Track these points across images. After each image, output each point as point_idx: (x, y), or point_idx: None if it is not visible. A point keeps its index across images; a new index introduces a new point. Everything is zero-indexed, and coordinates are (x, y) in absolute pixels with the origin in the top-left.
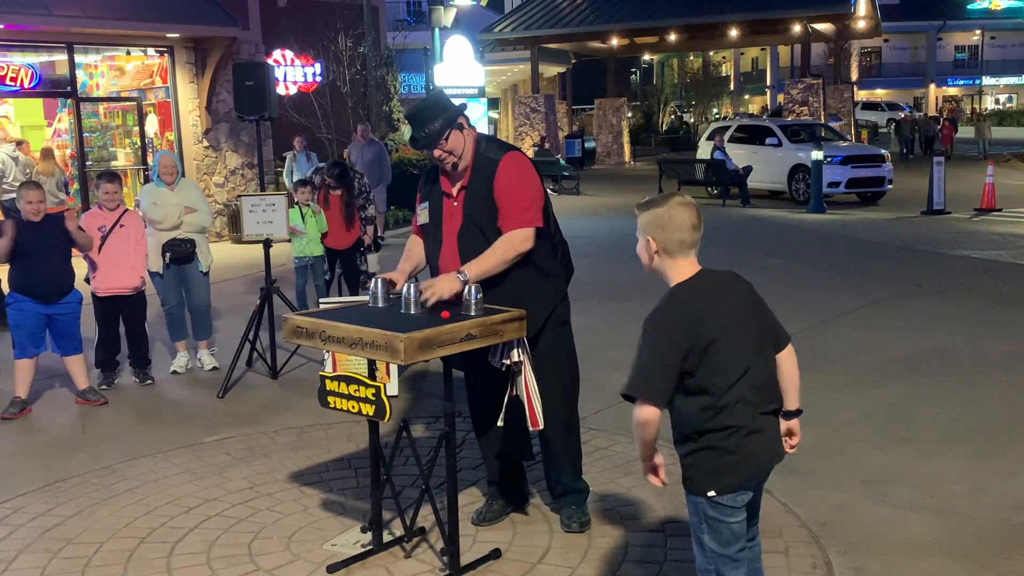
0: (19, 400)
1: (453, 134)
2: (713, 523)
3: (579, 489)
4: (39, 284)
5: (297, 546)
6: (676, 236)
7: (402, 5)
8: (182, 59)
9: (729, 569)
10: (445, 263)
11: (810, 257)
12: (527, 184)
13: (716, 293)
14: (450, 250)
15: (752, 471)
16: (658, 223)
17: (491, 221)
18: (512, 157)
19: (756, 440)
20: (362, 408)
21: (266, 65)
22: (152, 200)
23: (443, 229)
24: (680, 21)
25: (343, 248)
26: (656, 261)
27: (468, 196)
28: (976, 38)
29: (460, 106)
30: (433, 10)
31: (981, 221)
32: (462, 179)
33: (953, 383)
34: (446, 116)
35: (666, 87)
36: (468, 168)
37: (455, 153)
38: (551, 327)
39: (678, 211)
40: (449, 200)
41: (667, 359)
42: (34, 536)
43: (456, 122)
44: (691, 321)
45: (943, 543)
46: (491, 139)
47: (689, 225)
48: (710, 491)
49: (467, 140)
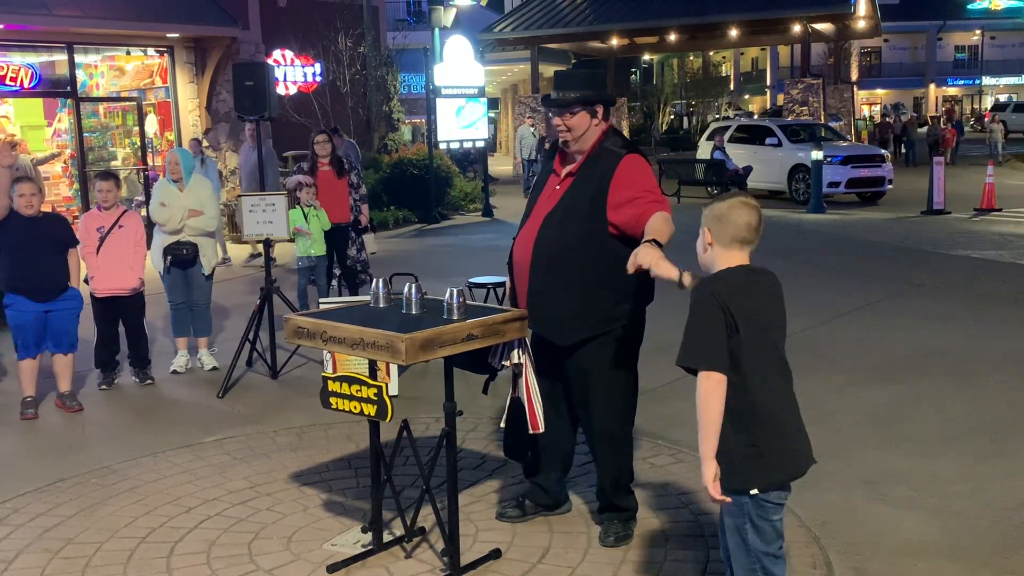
0: (31, 399)
1: (581, 114)
2: (758, 522)
3: (620, 507)
4: (36, 282)
5: (297, 546)
6: (732, 231)
7: (402, 5)
8: (182, 59)
9: (773, 565)
10: (519, 246)
11: (810, 257)
12: (651, 175)
13: (761, 283)
14: (529, 233)
15: (792, 470)
16: (716, 216)
17: (587, 213)
18: (636, 156)
19: (796, 439)
20: (364, 408)
21: (266, 65)
22: (160, 199)
23: (535, 207)
24: (680, 21)
25: (337, 222)
26: (708, 252)
27: (575, 183)
28: (976, 38)
29: (607, 96)
30: (433, 10)
31: (981, 221)
32: (574, 164)
33: (953, 383)
34: (586, 94)
35: (666, 87)
36: (584, 155)
37: (573, 132)
38: (610, 347)
39: (738, 208)
40: (555, 179)
41: (712, 322)
42: (34, 536)
43: (592, 106)
44: (733, 291)
45: (943, 543)
46: (617, 133)
47: (746, 223)
48: (753, 489)
49: (593, 128)
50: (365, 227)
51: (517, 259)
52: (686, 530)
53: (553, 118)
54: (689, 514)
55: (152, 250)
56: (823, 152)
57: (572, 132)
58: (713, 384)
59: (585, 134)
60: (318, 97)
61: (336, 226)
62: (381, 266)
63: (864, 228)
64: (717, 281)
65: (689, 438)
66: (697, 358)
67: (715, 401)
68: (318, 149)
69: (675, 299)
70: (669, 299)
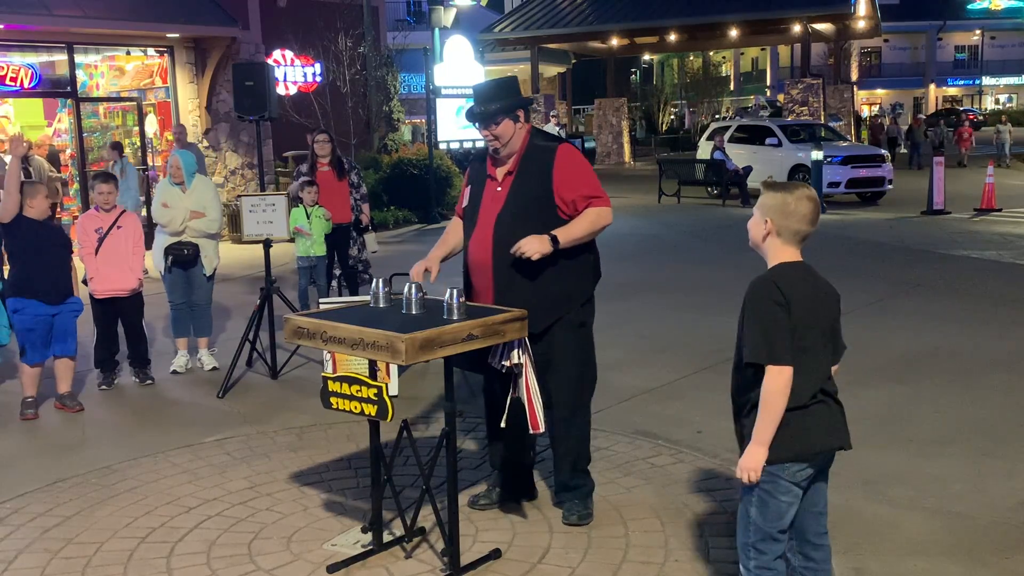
0: (31, 400)
1: (505, 122)
2: (764, 495)
3: (577, 485)
4: (48, 285)
5: (297, 546)
6: (795, 225)
7: (402, 5)
8: (182, 59)
9: (766, 545)
10: (476, 245)
11: (809, 257)
12: (589, 170)
13: (816, 282)
14: (484, 234)
15: (812, 446)
16: (783, 208)
17: (535, 209)
18: (568, 147)
19: (824, 418)
20: (364, 408)
21: (266, 65)
22: (162, 200)
23: (481, 212)
24: (680, 21)
25: (338, 222)
26: (768, 241)
27: (515, 183)
28: (976, 38)
29: (525, 100)
30: (433, 10)
31: (981, 221)
32: (508, 165)
33: (953, 383)
34: (506, 103)
35: (666, 87)
36: (516, 156)
37: (501, 140)
38: (568, 327)
39: (804, 203)
40: (493, 184)
41: (778, 317)
42: (34, 536)
43: (513, 112)
44: (791, 286)
45: (943, 543)
46: (546, 134)
47: (809, 219)
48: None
49: (518, 131)
50: (366, 227)
51: (476, 261)
52: (686, 530)
53: (481, 130)
54: (689, 514)
55: (153, 250)
56: (823, 152)
57: (500, 139)
58: (785, 380)
59: (512, 139)
60: (318, 97)
61: (337, 226)
62: (381, 266)
63: (864, 228)
64: (779, 278)
65: (689, 438)
66: (769, 354)
67: (783, 397)
68: (318, 149)
69: (675, 301)
70: (670, 299)
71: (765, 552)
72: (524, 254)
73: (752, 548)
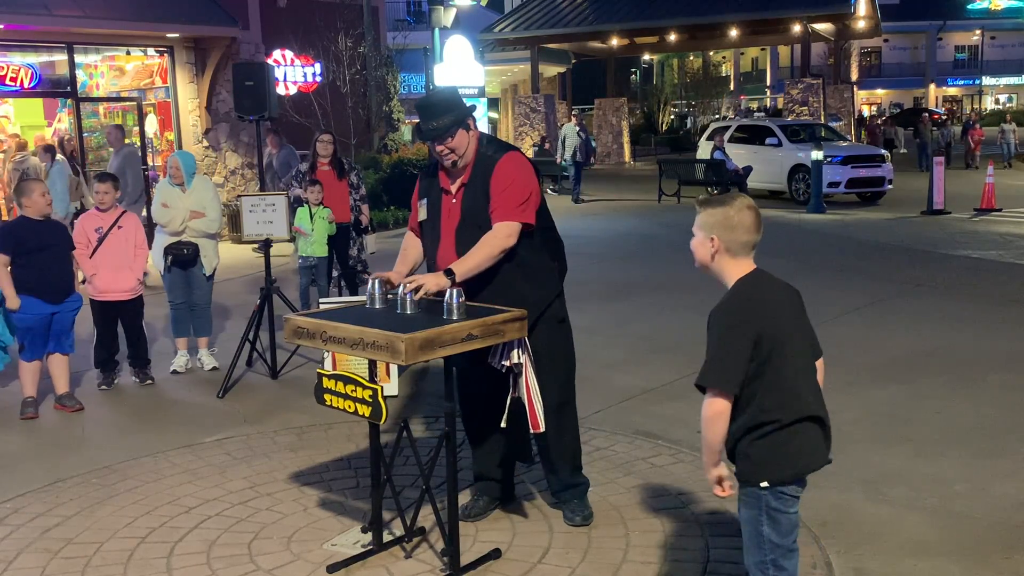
0: (31, 400)
1: (459, 133)
2: (774, 514)
3: (577, 483)
4: (50, 283)
5: (297, 546)
6: (742, 237)
7: (402, 5)
8: (182, 59)
9: (786, 560)
10: (444, 260)
11: (810, 257)
12: (523, 182)
13: (776, 290)
14: (448, 247)
15: (805, 464)
16: (726, 223)
17: (484, 220)
18: (512, 156)
19: (813, 436)
20: (359, 408)
21: (266, 65)
22: (162, 200)
23: (441, 226)
24: (680, 21)
25: (338, 222)
26: (716, 259)
27: (467, 194)
28: (976, 38)
29: (470, 107)
30: (433, 10)
31: (981, 221)
32: (462, 176)
33: (953, 383)
34: (456, 114)
35: (666, 87)
36: (469, 166)
37: (457, 152)
38: (546, 324)
39: (746, 213)
40: (448, 197)
41: (737, 346)
42: (34, 536)
43: (464, 122)
44: (758, 308)
45: (943, 543)
46: (492, 139)
47: (755, 227)
48: (763, 482)
49: (471, 140)
50: (366, 227)
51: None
52: (686, 530)
53: (435, 147)
54: (689, 514)
55: (153, 250)
56: (823, 152)
57: (456, 152)
58: (720, 406)
59: (467, 149)
60: (318, 97)
61: (337, 226)
62: (381, 266)
63: (864, 228)
64: (741, 300)
65: (689, 438)
66: (709, 378)
67: (721, 424)
68: (320, 148)
69: (675, 300)
70: (670, 299)
71: (786, 567)
72: (421, 288)
73: (771, 565)
